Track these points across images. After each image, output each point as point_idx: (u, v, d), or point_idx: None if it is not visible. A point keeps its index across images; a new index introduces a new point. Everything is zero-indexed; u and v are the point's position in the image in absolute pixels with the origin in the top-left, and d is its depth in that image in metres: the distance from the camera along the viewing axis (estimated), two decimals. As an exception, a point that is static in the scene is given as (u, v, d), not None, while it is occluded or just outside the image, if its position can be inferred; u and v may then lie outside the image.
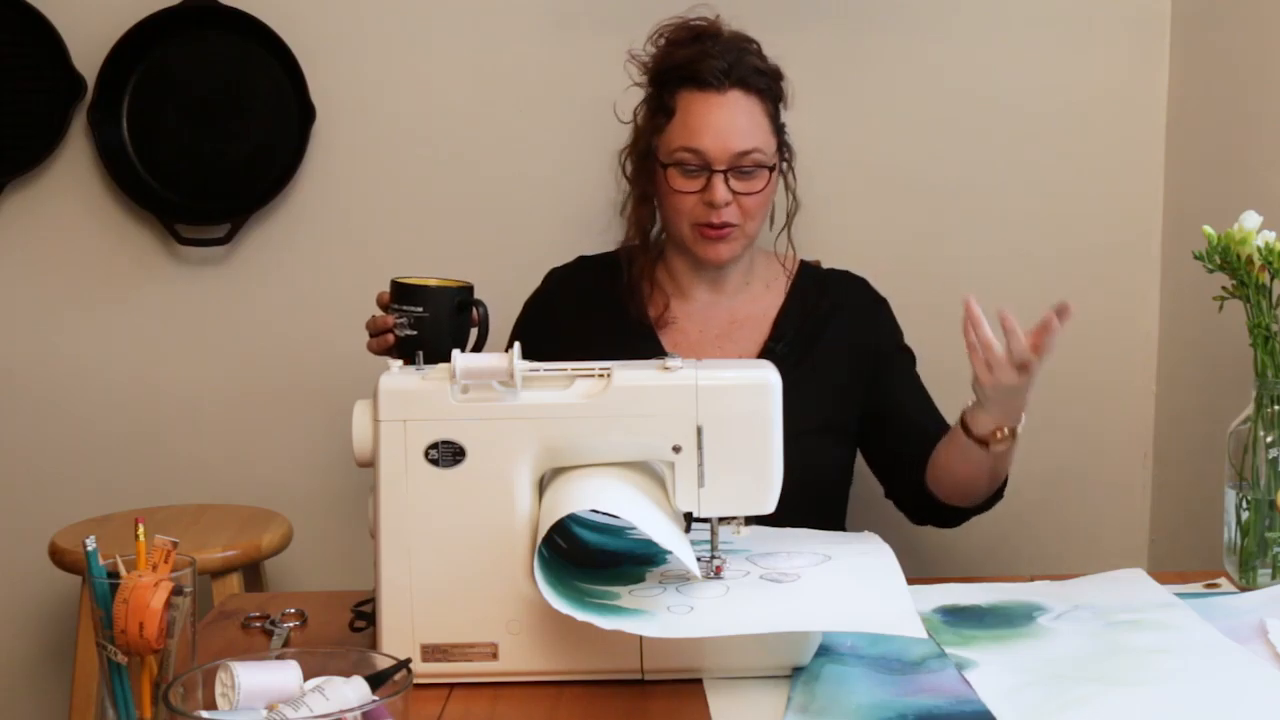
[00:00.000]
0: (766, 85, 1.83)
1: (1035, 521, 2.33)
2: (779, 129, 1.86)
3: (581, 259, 2.01)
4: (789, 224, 1.93)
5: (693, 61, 1.81)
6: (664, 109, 1.84)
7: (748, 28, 1.92)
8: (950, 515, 1.82)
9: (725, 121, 1.79)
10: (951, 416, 1.75)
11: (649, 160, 1.85)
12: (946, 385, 1.92)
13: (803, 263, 1.98)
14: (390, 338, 1.64)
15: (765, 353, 1.87)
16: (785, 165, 1.89)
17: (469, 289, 1.64)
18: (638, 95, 1.90)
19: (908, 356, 1.94)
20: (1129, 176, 2.34)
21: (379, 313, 1.69)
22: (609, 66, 1.95)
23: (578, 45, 2.30)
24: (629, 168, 1.91)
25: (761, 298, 1.92)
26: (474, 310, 1.66)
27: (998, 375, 1.57)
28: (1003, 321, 1.56)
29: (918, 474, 1.80)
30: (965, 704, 1.22)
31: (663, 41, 1.87)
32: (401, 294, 1.62)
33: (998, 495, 1.79)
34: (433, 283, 1.63)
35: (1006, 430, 1.63)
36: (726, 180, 1.78)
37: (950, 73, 2.32)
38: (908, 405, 1.87)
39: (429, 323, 1.60)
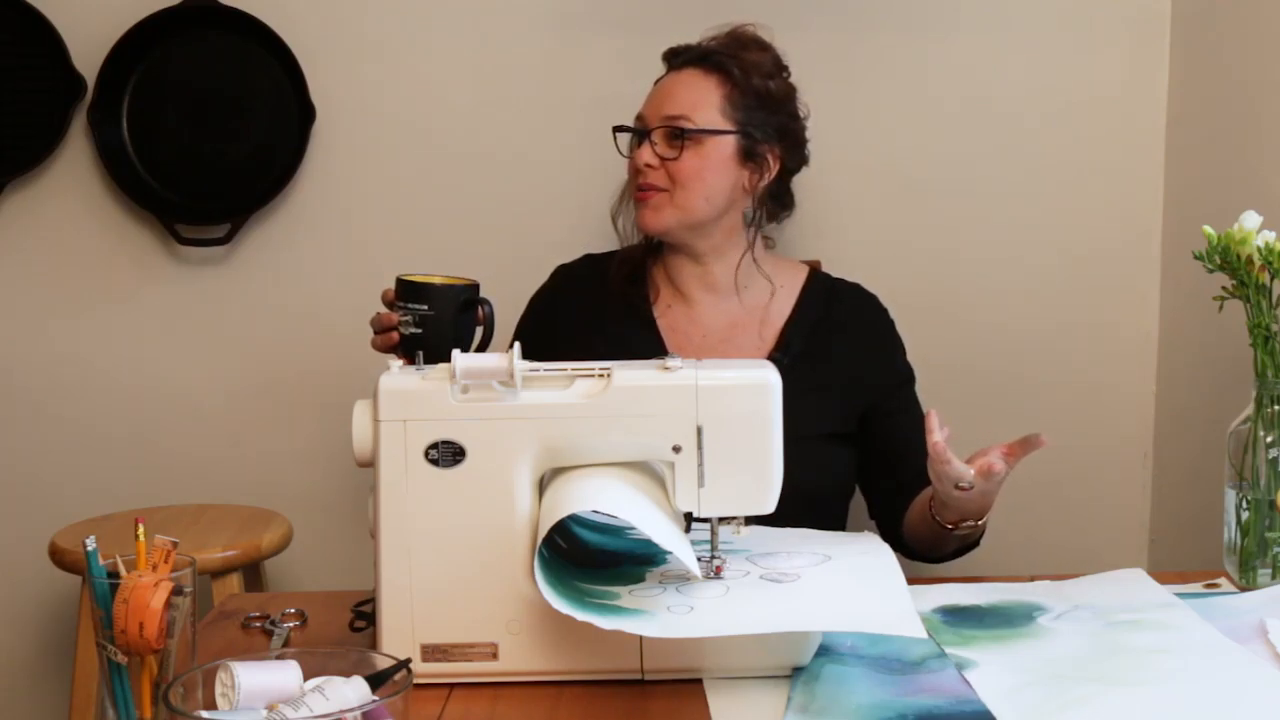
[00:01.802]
0: (732, 67, 1.83)
1: (1035, 521, 2.33)
2: (744, 117, 1.83)
3: (589, 257, 2.01)
4: (759, 223, 1.91)
5: (677, 49, 1.88)
6: None
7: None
8: (921, 559, 1.82)
9: (666, 90, 1.86)
10: (954, 414, 1.75)
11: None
12: (947, 384, 1.92)
13: (813, 272, 1.97)
14: (395, 335, 1.64)
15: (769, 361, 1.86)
16: (759, 158, 1.85)
17: (475, 287, 1.63)
18: (644, 94, 1.91)
19: (909, 384, 1.92)
20: (1129, 176, 2.34)
21: (383, 310, 1.69)
22: (609, 66, 1.95)
23: (578, 45, 2.30)
24: None
25: (766, 303, 1.91)
26: (479, 308, 1.65)
27: (945, 486, 1.54)
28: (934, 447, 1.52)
29: (896, 500, 1.81)
30: (965, 704, 1.22)
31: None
32: (406, 291, 1.61)
33: (974, 546, 1.77)
34: (438, 280, 1.62)
35: (972, 521, 1.62)
36: (654, 145, 1.82)
37: (950, 73, 2.32)
38: (902, 439, 1.85)
39: (434, 321, 1.59)
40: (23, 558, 2.34)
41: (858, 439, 1.88)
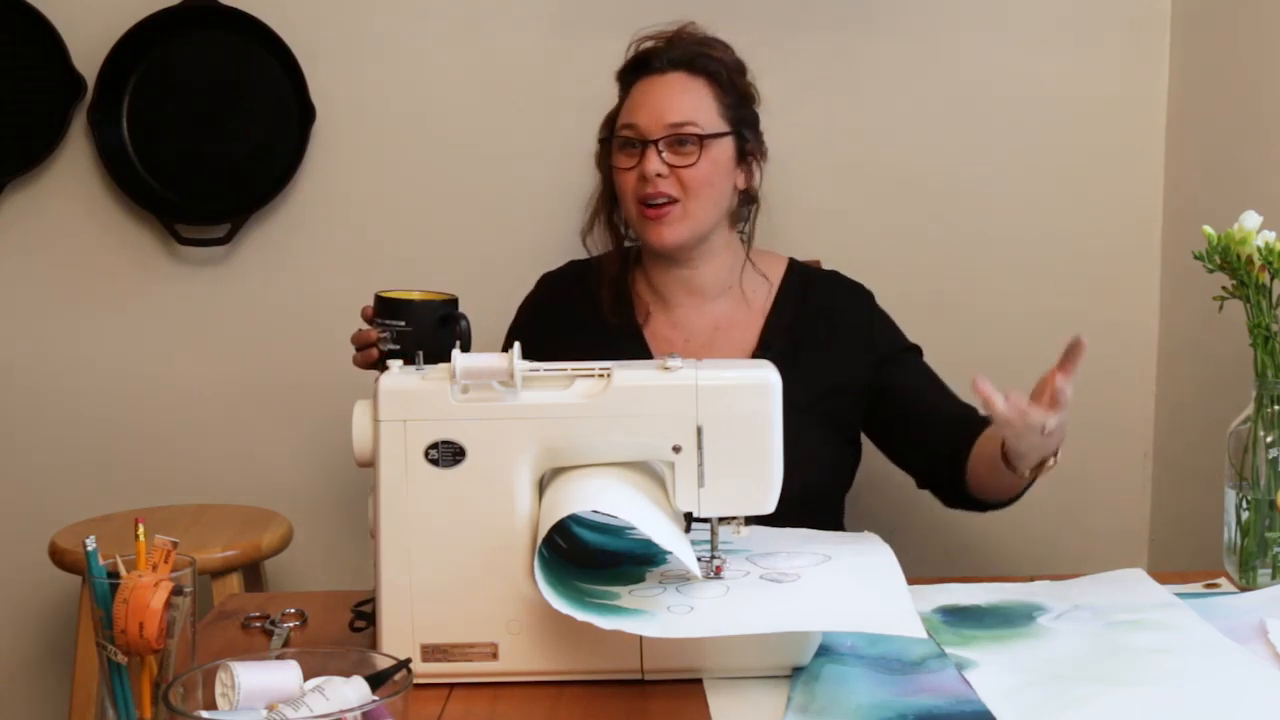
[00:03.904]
0: (717, 69, 1.85)
1: (1035, 521, 2.32)
2: (735, 117, 1.86)
3: (573, 263, 2.01)
4: (750, 221, 1.93)
5: (646, 53, 1.88)
6: (620, 102, 1.90)
7: (746, 30, 1.93)
8: (992, 507, 1.82)
9: (661, 96, 1.84)
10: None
11: (605, 150, 1.91)
12: (949, 381, 1.92)
13: (791, 265, 1.97)
14: (374, 352, 1.64)
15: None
16: (748, 157, 1.88)
17: (453, 302, 1.63)
18: None
19: (913, 352, 1.94)
20: (1129, 176, 2.34)
21: (364, 326, 1.69)
22: (609, 68, 1.95)
23: (578, 46, 2.30)
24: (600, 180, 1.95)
25: (747, 303, 1.91)
26: (457, 324, 1.64)
27: (1029, 436, 1.50)
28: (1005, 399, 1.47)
29: (949, 460, 1.78)
30: (965, 704, 1.22)
31: (634, 47, 1.92)
32: (383, 308, 1.61)
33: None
34: (416, 296, 1.61)
35: (1054, 459, 1.59)
36: (660, 153, 1.81)
37: (950, 73, 2.32)
38: (925, 398, 1.86)
39: (412, 337, 1.58)
40: (23, 558, 2.34)
41: (871, 423, 1.89)
